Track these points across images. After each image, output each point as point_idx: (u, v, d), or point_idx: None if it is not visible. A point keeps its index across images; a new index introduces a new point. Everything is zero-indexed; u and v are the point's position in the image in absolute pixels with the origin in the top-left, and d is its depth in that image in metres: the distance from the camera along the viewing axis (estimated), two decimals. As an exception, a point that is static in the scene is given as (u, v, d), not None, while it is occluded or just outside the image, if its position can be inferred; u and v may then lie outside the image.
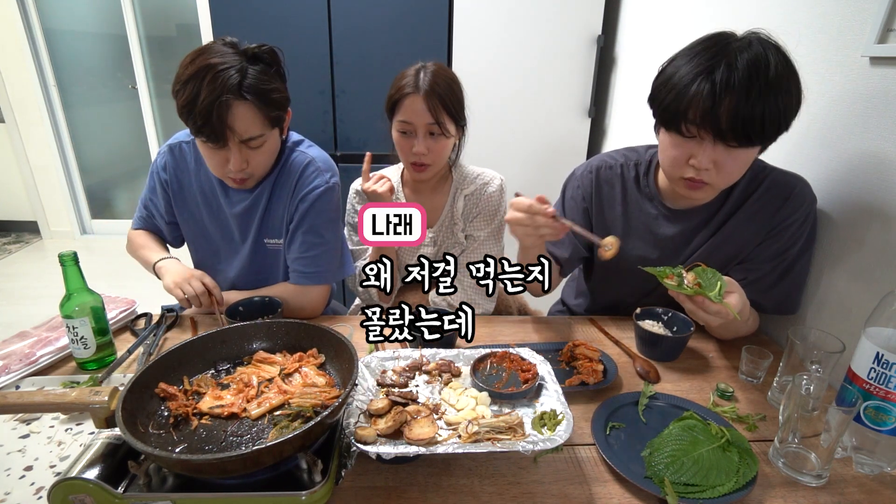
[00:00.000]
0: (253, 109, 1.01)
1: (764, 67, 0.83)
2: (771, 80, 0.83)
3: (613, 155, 1.20)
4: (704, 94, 0.85)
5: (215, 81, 0.96)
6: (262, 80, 1.02)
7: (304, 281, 1.19)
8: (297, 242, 1.18)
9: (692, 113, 0.87)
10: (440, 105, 1.15)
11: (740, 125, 0.84)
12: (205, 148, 1.06)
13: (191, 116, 0.98)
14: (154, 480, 0.62)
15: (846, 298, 1.00)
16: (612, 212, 1.18)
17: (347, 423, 0.69)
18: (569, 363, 1.00)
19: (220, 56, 0.99)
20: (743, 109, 0.83)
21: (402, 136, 1.21)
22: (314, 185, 1.16)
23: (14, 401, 0.68)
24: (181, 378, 0.78)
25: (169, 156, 1.22)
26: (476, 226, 1.32)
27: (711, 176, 0.93)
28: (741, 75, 0.83)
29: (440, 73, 1.19)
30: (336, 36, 2.22)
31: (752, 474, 0.70)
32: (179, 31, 3.73)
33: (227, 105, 0.97)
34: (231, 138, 1.02)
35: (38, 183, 3.92)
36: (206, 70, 0.97)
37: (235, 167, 1.05)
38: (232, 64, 0.98)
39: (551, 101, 2.27)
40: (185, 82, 0.98)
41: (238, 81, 0.98)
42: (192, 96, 0.97)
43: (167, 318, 1.13)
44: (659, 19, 1.86)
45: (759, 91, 0.83)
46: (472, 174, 1.34)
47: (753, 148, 0.91)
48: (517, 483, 0.71)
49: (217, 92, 0.96)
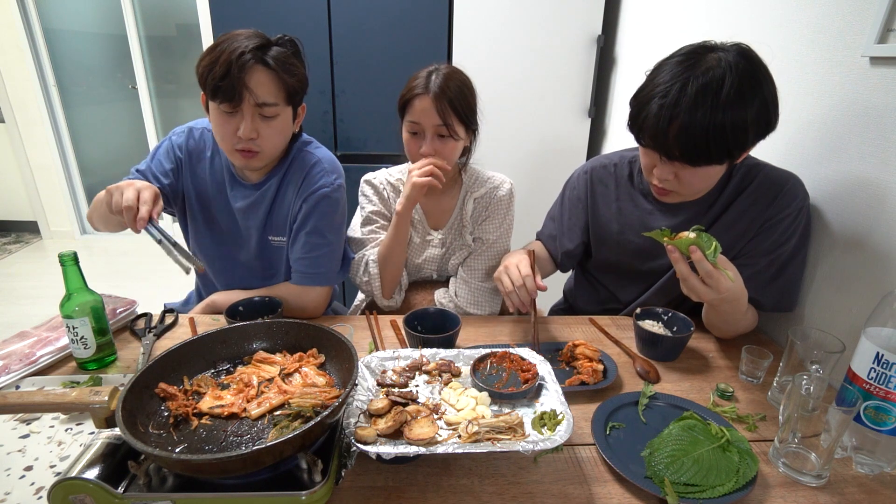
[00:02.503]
0: (271, 76, 1.03)
1: (715, 91, 0.84)
2: (721, 103, 0.84)
3: (609, 156, 1.24)
4: (653, 115, 0.89)
5: (238, 45, 1.00)
6: (283, 54, 1.05)
7: (305, 281, 1.19)
8: (301, 243, 1.19)
9: (644, 134, 0.93)
10: (449, 107, 1.16)
11: (686, 148, 0.88)
12: (218, 114, 1.05)
13: (209, 75, 1.00)
14: (154, 480, 0.62)
15: (846, 298, 1.00)
16: (608, 209, 1.21)
17: (347, 423, 0.69)
18: (569, 363, 1.00)
19: (245, 37, 1.03)
20: (687, 133, 0.87)
21: (410, 137, 1.21)
22: (319, 186, 1.17)
23: (14, 401, 0.68)
24: (181, 378, 0.78)
25: (188, 135, 1.22)
26: (486, 229, 1.32)
27: (674, 185, 0.99)
28: (689, 101, 0.85)
29: (452, 75, 1.19)
30: (336, 36, 2.22)
31: (752, 474, 0.70)
32: (179, 31, 3.73)
33: (247, 65, 1.00)
34: (247, 99, 1.02)
35: (38, 183, 3.92)
36: (231, 39, 1.01)
37: (246, 131, 1.04)
38: (256, 38, 1.03)
39: (551, 101, 2.27)
40: (209, 50, 1.01)
41: (260, 46, 1.02)
42: (214, 59, 1.00)
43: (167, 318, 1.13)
44: (659, 19, 1.86)
45: (704, 114, 0.85)
46: (482, 177, 1.35)
47: (712, 165, 0.92)
48: (517, 483, 0.71)
49: (239, 52, 0.99)
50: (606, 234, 1.23)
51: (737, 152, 0.91)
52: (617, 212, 1.19)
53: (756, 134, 0.91)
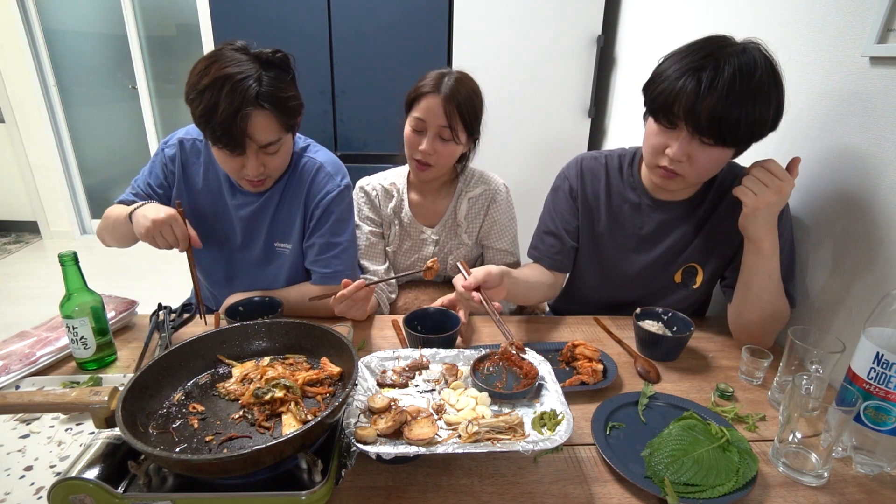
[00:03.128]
0: (271, 117, 1.01)
1: (748, 75, 0.88)
2: (752, 89, 0.88)
3: (601, 151, 1.26)
4: (689, 90, 0.90)
5: (234, 92, 0.96)
6: (279, 87, 1.02)
7: (326, 281, 1.20)
8: (316, 247, 1.20)
9: (677, 106, 0.93)
10: (456, 111, 1.16)
11: (717, 124, 0.90)
12: (221, 154, 1.05)
13: (209, 126, 0.98)
14: (154, 480, 0.62)
15: (846, 298, 1.00)
16: (596, 199, 1.22)
17: (347, 423, 0.69)
18: (569, 363, 1.00)
19: (235, 64, 0.98)
20: (722, 110, 0.89)
21: (412, 133, 1.22)
22: (326, 191, 1.18)
23: (14, 401, 0.68)
24: (181, 378, 0.78)
25: (178, 148, 1.20)
26: (493, 237, 1.35)
27: (684, 168, 0.99)
28: (726, 77, 0.88)
29: (464, 81, 1.20)
30: (336, 36, 2.22)
31: (752, 474, 0.70)
32: (179, 31, 3.72)
33: (247, 116, 0.98)
34: (250, 146, 1.02)
35: (38, 183, 3.92)
36: (224, 80, 0.96)
37: (253, 172, 1.06)
38: (249, 73, 0.98)
39: (551, 101, 2.28)
40: (201, 91, 0.97)
41: (256, 91, 0.98)
42: (211, 106, 0.96)
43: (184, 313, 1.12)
44: (659, 19, 1.86)
45: (739, 96, 0.88)
46: (477, 178, 1.36)
47: (727, 149, 0.96)
48: (517, 483, 0.71)
49: (237, 104, 0.96)
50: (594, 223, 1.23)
51: (752, 141, 0.95)
52: (606, 202, 1.20)
53: (769, 128, 0.94)
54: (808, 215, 1.11)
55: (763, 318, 1.05)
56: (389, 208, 1.35)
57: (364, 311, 1.10)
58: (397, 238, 1.36)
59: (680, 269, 1.17)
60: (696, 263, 1.15)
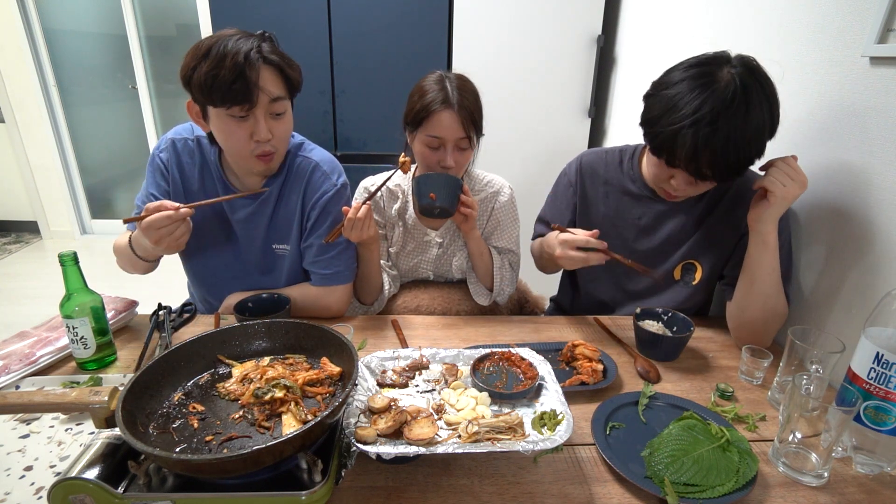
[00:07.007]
0: (276, 72, 1.02)
1: (743, 118, 0.90)
2: (749, 134, 0.91)
3: (603, 148, 1.28)
4: (688, 146, 0.93)
5: (238, 45, 0.97)
6: (278, 53, 1.04)
7: (326, 282, 1.20)
8: (314, 247, 1.19)
9: (677, 159, 0.97)
10: (469, 120, 1.16)
11: (718, 170, 0.95)
12: (227, 122, 1.02)
13: (216, 82, 0.96)
14: (154, 480, 0.62)
15: (846, 298, 1.00)
16: (595, 191, 1.24)
17: (347, 423, 0.69)
18: (569, 363, 1.00)
19: (233, 36, 0.99)
20: (721, 161, 0.93)
21: (429, 150, 1.19)
22: (323, 191, 1.17)
23: (14, 401, 0.68)
24: (181, 378, 0.78)
25: (172, 151, 1.19)
26: (497, 238, 1.35)
27: (688, 191, 1.06)
28: (722, 135, 0.90)
29: (467, 86, 1.19)
30: (336, 36, 2.22)
31: (752, 474, 0.70)
32: (179, 31, 3.72)
33: (255, 65, 0.98)
34: (260, 99, 1.00)
35: (38, 183, 3.92)
36: (227, 39, 0.98)
37: (263, 132, 1.03)
38: (246, 37, 1.00)
39: (551, 101, 2.28)
40: (204, 54, 0.97)
41: (258, 47, 1.00)
42: (216, 62, 0.95)
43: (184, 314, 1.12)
44: (659, 19, 1.86)
45: (735, 146, 0.91)
46: (479, 179, 1.37)
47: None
48: (517, 483, 0.71)
49: (243, 53, 0.96)
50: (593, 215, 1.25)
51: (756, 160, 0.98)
52: (604, 196, 1.23)
53: (769, 139, 0.96)
54: (803, 214, 1.11)
55: (765, 315, 1.05)
56: (394, 210, 1.34)
57: (373, 227, 1.14)
58: (400, 239, 1.36)
59: (679, 265, 1.18)
60: (695, 260, 1.16)
